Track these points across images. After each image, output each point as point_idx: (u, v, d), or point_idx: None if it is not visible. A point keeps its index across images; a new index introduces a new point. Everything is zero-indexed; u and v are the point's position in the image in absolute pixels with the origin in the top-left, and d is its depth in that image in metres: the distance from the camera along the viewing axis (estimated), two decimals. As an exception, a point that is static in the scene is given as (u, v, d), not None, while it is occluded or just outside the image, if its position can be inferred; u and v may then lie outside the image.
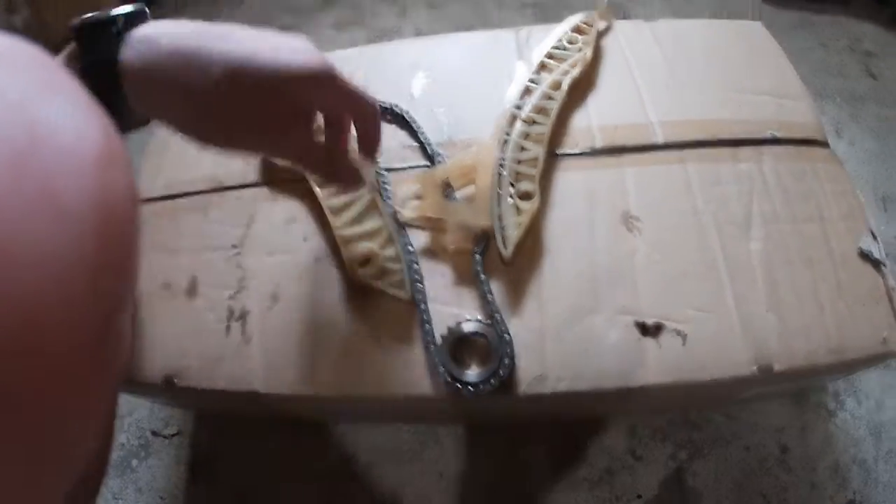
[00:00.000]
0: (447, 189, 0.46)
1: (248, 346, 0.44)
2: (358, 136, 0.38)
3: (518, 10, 1.20)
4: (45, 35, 1.57)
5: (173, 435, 0.68)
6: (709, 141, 0.50)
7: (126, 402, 0.68)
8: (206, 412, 0.68)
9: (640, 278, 0.43)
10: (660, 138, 0.50)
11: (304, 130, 0.35)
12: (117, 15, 0.30)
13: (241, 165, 0.54)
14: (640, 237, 0.45)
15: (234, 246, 0.49)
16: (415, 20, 1.24)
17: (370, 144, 0.38)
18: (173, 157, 0.57)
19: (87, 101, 0.22)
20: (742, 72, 0.55)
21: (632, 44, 0.59)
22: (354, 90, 0.34)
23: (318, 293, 0.45)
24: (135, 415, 0.70)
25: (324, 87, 0.32)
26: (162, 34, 0.30)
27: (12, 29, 1.51)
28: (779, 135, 0.50)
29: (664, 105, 0.53)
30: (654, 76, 0.56)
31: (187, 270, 0.49)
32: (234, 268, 0.48)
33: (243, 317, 0.46)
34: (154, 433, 0.68)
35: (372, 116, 0.36)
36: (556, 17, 0.57)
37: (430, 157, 0.50)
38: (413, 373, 0.41)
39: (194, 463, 0.65)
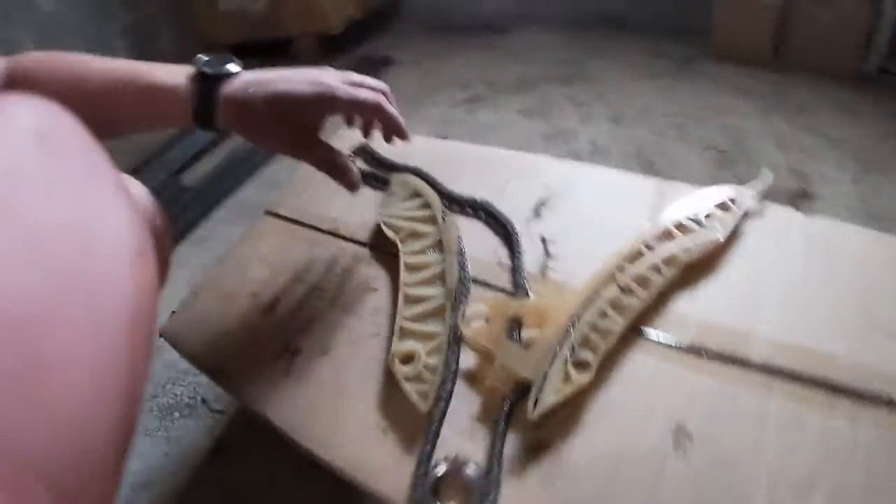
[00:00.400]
0: (514, 324, 0.46)
1: (286, 379, 0.48)
2: (383, 128, 0.49)
3: (699, 150, 1.16)
4: (276, 26, 1.81)
5: (218, 411, 0.74)
6: (809, 378, 0.43)
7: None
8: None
9: (662, 501, 0.40)
10: (756, 358, 0.45)
11: (319, 141, 0.47)
12: (230, 72, 0.44)
13: (359, 222, 0.59)
14: (683, 460, 0.40)
15: (319, 288, 0.54)
16: (593, 129, 1.26)
17: (394, 129, 0.48)
18: (313, 192, 0.64)
19: (120, 183, 0.26)
20: (884, 304, 0.47)
21: (776, 235, 0.53)
22: (354, 99, 0.45)
23: (363, 365, 0.48)
24: (198, 378, 0.78)
25: (330, 102, 0.44)
26: (238, 80, 0.44)
27: (248, 13, 1.74)
28: (894, 397, 0.41)
29: (779, 319, 0.47)
30: (784, 281, 0.50)
31: (274, 290, 0.55)
32: (310, 307, 0.53)
33: (295, 354, 0.50)
34: (203, 401, 0.76)
35: (379, 110, 0.47)
36: (734, 168, 0.51)
37: (516, 286, 0.51)
38: (397, 479, 0.41)
39: (221, 442, 0.71)
